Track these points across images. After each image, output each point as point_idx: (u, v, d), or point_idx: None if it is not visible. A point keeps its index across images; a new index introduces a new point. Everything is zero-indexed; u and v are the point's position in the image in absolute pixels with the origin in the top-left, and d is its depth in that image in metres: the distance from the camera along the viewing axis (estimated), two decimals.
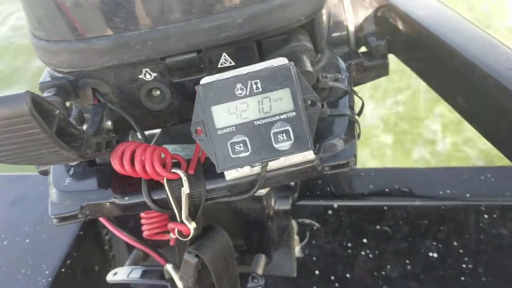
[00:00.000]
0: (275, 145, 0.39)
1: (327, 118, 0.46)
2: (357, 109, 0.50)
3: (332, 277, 0.73)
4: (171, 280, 0.60)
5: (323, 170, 0.44)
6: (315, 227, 0.69)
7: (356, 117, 0.48)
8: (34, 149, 0.33)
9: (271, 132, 0.39)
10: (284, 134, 0.39)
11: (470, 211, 0.63)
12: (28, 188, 0.82)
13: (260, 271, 0.64)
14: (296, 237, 0.71)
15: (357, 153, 0.45)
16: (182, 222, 0.44)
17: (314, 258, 0.72)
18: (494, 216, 0.62)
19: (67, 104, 0.49)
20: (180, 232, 0.45)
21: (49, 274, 0.67)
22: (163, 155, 0.44)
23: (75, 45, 0.42)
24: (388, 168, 0.71)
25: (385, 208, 0.65)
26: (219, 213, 0.67)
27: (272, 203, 0.65)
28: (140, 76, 0.46)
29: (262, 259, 0.66)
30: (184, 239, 0.45)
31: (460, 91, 0.49)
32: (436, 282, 0.69)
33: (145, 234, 0.53)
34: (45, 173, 0.52)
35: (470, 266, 0.67)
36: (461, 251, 0.66)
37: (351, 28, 0.58)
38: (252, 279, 0.62)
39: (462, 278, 0.68)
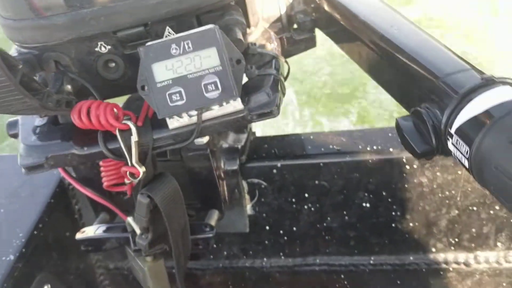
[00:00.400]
0: (206, 95, 0.48)
1: (255, 78, 0.55)
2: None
3: (281, 231, 0.82)
4: (133, 232, 0.68)
5: (251, 119, 0.53)
6: (263, 186, 0.78)
7: (281, 77, 0.57)
8: (2, 96, 0.40)
9: (202, 84, 0.48)
10: (213, 85, 0.48)
11: (394, 163, 0.72)
12: (4, 166, 0.89)
13: (212, 223, 0.72)
14: (247, 196, 0.80)
15: (280, 104, 0.54)
16: (133, 165, 0.52)
17: (264, 215, 0.81)
18: (414, 166, 0.72)
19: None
20: (131, 174, 0.53)
21: (22, 236, 0.74)
22: (116, 112, 0.52)
23: (37, 22, 0.50)
24: (324, 132, 0.80)
25: (321, 164, 0.74)
26: (176, 177, 0.75)
27: (222, 164, 0.73)
28: (96, 49, 0.54)
29: (215, 214, 0.74)
30: (135, 180, 0.53)
31: (373, 60, 0.58)
32: (371, 230, 0.79)
33: (104, 185, 0.61)
34: (15, 136, 0.59)
35: (398, 213, 0.76)
36: (389, 200, 0.75)
37: (283, 8, 0.67)
38: (204, 227, 0.70)
39: (393, 225, 0.78)
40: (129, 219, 0.67)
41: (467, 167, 0.35)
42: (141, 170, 0.53)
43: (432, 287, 0.84)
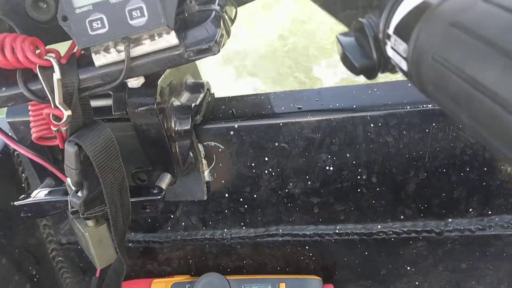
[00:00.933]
0: (130, 22, 0.43)
1: (196, 13, 0.49)
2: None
3: (241, 199, 0.77)
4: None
5: (189, 57, 0.48)
6: (220, 150, 0.73)
7: (226, 15, 0.51)
8: None
9: (126, 10, 0.42)
10: (138, 11, 0.42)
11: (357, 121, 0.67)
12: None
13: (163, 186, 0.67)
14: (204, 161, 0.74)
15: (221, 42, 0.48)
16: (56, 107, 0.47)
17: (223, 181, 0.76)
18: (379, 124, 0.67)
19: None
20: (55, 117, 0.48)
21: None
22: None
23: None
24: (286, 91, 0.75)
25: (281, 124, 0.69)
26: (126, 139, 0.70)
27: (173, 124, 0.67)
28: None
29: (167, 178, 0.69)
30: (59, 122, 0.48)
31: None
32: (335, 196, 0.74)
33: (33, 137, 0.56)
34: None
35: (364, 177, 0.71)
36: (354, 162, 0.70)
37: None
38: (152, 189, 0.65)
39: (358, 190, 0.73)
40: (69, 180, 0.62)
41: (406, 70, 0.30)
42: (66, 112, 0.48)
43: (401, 258, 0.79)
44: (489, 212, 0.72)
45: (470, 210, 0.72)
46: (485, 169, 0.68)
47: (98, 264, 0.67)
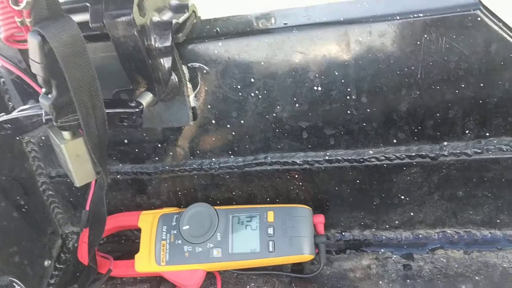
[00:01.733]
0: None
1: None
2: None
3: (228, 125, 0.75)
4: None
5: None
6: (205, 72, 0.70)
7: None
8: None
9: None
10: None
11: (345, 35, 0.64)
12: None
13: (144, 102, 0.65)
14: (189, 85, 0.72)
15: None
16: None
17: (209, 106, 0.73)
18: (368, 37, 0.63)
19: None
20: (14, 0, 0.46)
21: None
22: None
23: None
24: (272, 10, 0.71)
25: (266, 41, 0.66)
26: (107, 60, 0.68)
27: (152, 41, 0.65)
28: None
29: (148, 96, 0.67)
30: (18, 7, 0.46)
31: None
32: (324, 119, 0.71)
33: (3, 37, 0.54)
34: None
35: (353, 97, 0.68)
36: (343, 81, 0.67)
37: None
38: (129, 103, 0.63)
39: (348, 112, 0.70)
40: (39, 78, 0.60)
41: None
42: None
43: (395, 186, 0.76)
44: (487, 134, 0.69)
45: (467, 131, 0.69)
46: (482, 85, 0.64)
47: (77, 181, 0.65)
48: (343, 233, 0.84)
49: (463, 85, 0.65)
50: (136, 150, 0.81)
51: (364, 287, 0.75)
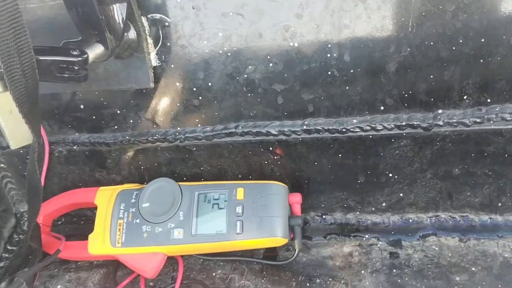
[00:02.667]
0: None
1: None
2: None
3: (194, 88, 0.66)
4: None
5: None
6: (167, 24, 0.61)
7: None
8: None
9: None
10: None
11: None
12: None
13: (91, 55, 0.57)
14: (149, 40, 0.64)
15: None
16: None
17: (172, 66, 0.65)
18: None
19: None
20: None
21: None
22: None
23: None
24: None
25: None
26: (55, 10, 0.60)
27: None
28: None
29: (98, 47, 0.58)
30: None
31: None
32: (302, 81, 0.62)
33: None
34: None
35: (335, 55, 0.59)
36: (323, 35, 0.58)
37: None
38: (71, 51, 0.55)
39: (329, 73, 0.61)
40: None
41: None
42: None
43: (382, 162, 0.67)
44: (488, 100, 0.59)
45: (465, 97, 0.59)
46: (483, 40, 0.55)
47: (11, 143, 0.57)
48: (323, 216, 0.74)
49: (461, 41, 0.56)
50: (94, 117, 0.72)
51: (344, 277, 0.65)
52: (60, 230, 0.81)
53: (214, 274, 0.70)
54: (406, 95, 0.61)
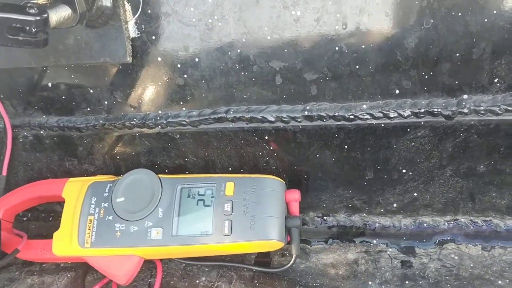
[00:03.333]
0: None
1: None
2: None
3: (179, 64, 0.57)
4: None
5: None
6: None
7: None
8: None
9: None
10: None
11: None
12: None
13: (55, 16, 0.48)
14: (127, 7, 0.55)
15: None
16: None
17: (153, 37, 0.56)
18: None
19: None
20: None
21: None
22: None
23: None
24: None
25: None
26: None
27: None
28: None
29: (63, 9, 0.49)
30: None
31: None
32: (304, 58, 0.53)
33: None
34: None
35: (343, 27, 0.50)
36: (330, 3, 0.49)
37: None
38: (27, 8, 0.45)
39: (336, 48, 0.52)
40: None
41: None
42: None
43: (394, 156, 0.58)
44: None
45: (496, 80, 0.51)
46: None
47: None
48: (325, 218, 0.66)
49: (494, 11, 0.47)
50: (63, 98, 0.63)
51: None
52: (25, 228, 0.72)
53: (197, 281, 0.61)
54: (426, 77, 0.52)
